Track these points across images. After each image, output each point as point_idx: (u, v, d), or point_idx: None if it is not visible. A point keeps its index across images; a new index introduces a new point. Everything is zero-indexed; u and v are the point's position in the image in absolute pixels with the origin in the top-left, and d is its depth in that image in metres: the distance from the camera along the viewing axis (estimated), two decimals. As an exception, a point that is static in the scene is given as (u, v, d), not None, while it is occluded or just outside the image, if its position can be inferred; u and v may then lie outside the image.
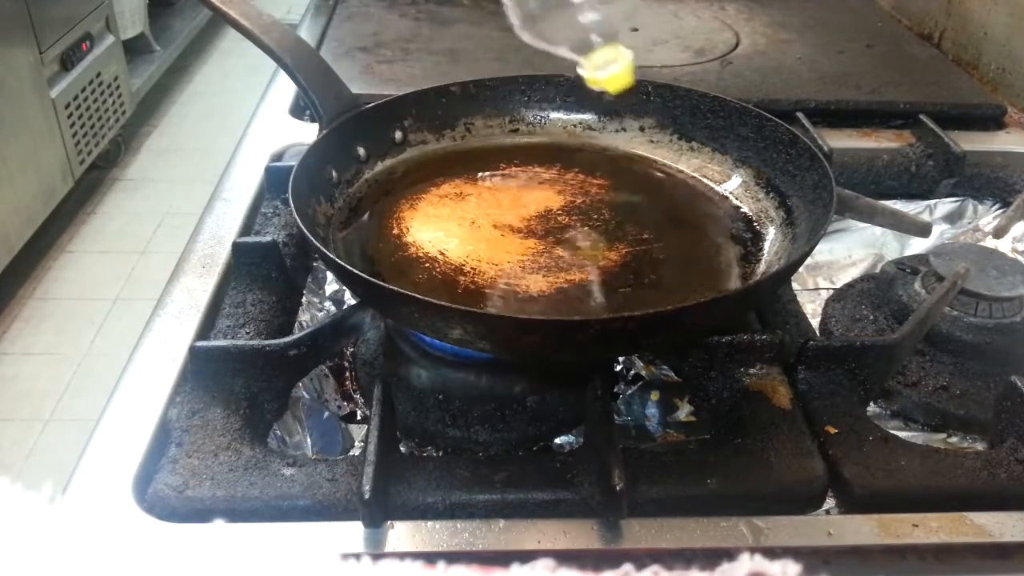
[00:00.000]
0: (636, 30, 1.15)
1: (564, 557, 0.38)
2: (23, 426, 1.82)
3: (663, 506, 0.51)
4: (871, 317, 0.70)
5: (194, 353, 0.58)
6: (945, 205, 0.88)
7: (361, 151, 0.74)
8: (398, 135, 0.77)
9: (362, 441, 0.63)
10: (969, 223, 0.88)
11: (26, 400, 1.89)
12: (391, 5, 1.22)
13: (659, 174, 0.76)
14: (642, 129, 0.79)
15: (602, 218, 0.69)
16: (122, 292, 2.21)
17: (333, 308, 0.75)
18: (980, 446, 0.61)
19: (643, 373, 0.68)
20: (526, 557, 0.31)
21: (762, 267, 0.65)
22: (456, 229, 0.68)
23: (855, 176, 0.89)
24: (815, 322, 0.70)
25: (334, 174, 0.71)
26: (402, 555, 0.48)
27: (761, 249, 0.67)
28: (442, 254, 0.65)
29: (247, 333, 0.64)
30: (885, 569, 0.48)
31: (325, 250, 0.57)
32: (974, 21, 1.09)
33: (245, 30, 0.70)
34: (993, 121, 0.96)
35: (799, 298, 0.70)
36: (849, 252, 0.86)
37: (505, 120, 0.80)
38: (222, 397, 0.57)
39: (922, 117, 0.91)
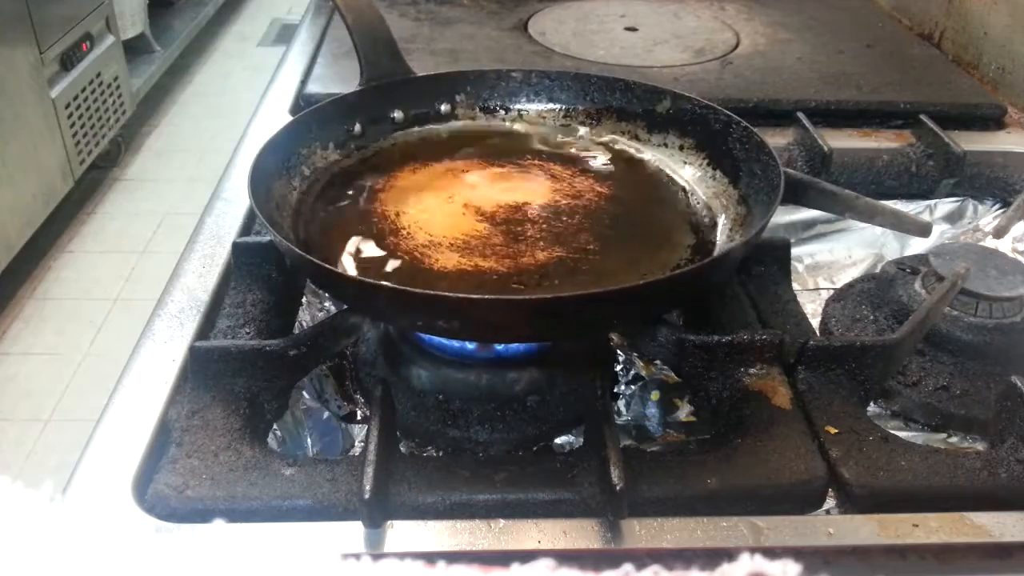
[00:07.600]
0: (635, 30, 1.15)
1: (564, 557, 0.38)
2: (23, 426, 1.82)
3: (663, 506, 0.51)
4: (871, 317, 0.70)
5: (194, 353, 0.58)
6: (945, 205, 0.88)
7: (358, 127, 0.76)
8: (397, 114, 0.79)
9: (362, 441, 0.63)
10: (969, 223, 0.88)
11: (26, 400, 1.89)
12: (391, 5, 1.22)
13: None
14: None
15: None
16: (122, 292, 2.21)
17: (333, 308, 0.75)
18: (980, 446, 0.61)
19: (643, 373, 0.68)
20: (526, 557, 0.31)
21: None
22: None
23: (855, 176, 0.89)
24: (815, 322, 0.70)
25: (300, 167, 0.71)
26: (402, 555, 0.47)
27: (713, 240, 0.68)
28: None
29: (247, 333, 0.64)
30: (885, 569, 0.48)
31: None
32: (974, 21, 1.09)
33: None
34: (993, 121, 0.96)
35: (799, 298, 0.70)
36: (849, 252, 0.86)
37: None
38: (222, 397, 0.57)
39: (922, 117, 0.91)
